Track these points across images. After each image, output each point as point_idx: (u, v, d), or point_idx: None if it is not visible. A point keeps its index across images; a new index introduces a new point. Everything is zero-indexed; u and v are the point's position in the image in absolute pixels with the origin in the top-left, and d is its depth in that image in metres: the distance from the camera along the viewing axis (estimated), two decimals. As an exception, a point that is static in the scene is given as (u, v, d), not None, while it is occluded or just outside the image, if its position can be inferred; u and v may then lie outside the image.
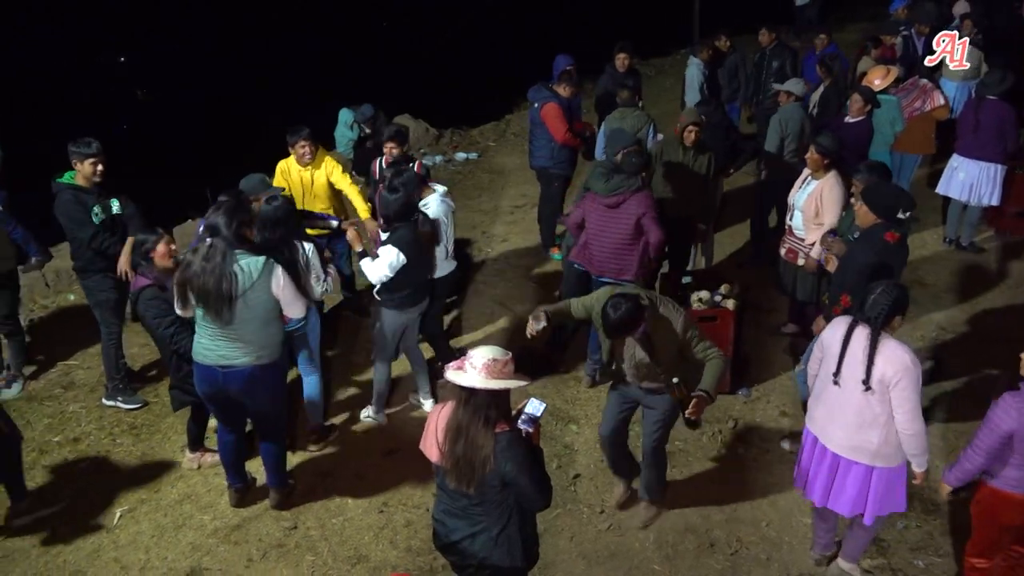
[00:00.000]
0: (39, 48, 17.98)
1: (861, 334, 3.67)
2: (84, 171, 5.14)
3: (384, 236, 5.02)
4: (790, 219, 5.81)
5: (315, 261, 4.72)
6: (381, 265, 4.82)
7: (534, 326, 4.04)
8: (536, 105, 7.23)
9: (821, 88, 7.92)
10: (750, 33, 11.43)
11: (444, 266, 5.55)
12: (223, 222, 4.00)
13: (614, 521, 4.66)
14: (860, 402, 3.68)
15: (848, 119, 6.83)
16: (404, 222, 4.90)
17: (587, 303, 4.15)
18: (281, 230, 4.57)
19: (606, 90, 8.31)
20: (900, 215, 4.52)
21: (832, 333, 3.83)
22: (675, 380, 3.91)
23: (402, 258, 4.81)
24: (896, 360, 3.56)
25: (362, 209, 6.14)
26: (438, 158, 11.14)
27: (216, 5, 21.14)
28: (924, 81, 7.63)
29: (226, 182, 5.31)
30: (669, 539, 4.53)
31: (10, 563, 4.46)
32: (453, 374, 3.00)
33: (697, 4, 14.92)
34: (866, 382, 3.61)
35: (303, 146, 5.89)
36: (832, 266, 4.94)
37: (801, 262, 5.63)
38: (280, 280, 4.13)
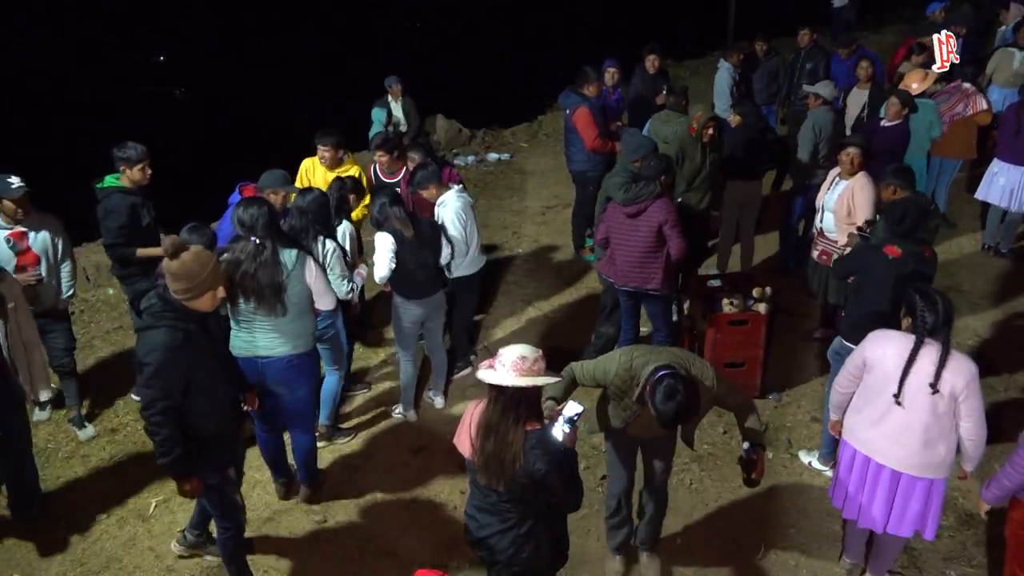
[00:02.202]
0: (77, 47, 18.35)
1: (931, 350, 3.52)
2: (133, 176, 5.07)
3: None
4: (820, 222, 5.78)
5: (335, 260, 4.71)
6: (380, 252, 4.94)
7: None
8: (568, 111, 7.21)
9: (866, 92, 7.80)
10: (788, 35, 11.32)
11: (473, 262, 5.61)
12: (263, 218, 4.08)
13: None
14: (929, 419, 3.56)
15: (884, 123, 6.75)
16: (385, 221, 4.98)
17: (596, 372, 3.63)
18: (306, 219, 4.66)
19: (638, 92, 8.27)
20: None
21: (882, 352, 3.66)
22: (746, 446, 3.63)
23: (393, 242, 4.91)
24: (965, 371, 3.49)
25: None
26: (470, 158, 11.19)
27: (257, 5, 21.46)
28: (966, 85, 7.49)
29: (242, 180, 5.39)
30: (696, 542, 4.51)
31: (48, 550, 4.58)
32: (483, 372, 3.01)
33: (732, 5, 14.83)
34: (934, 385, 3.49)
35: (326, 150, 6.05)
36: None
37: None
38: (312, 270, 4.22)
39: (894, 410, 3.63)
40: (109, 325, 6.87)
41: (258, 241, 4.05)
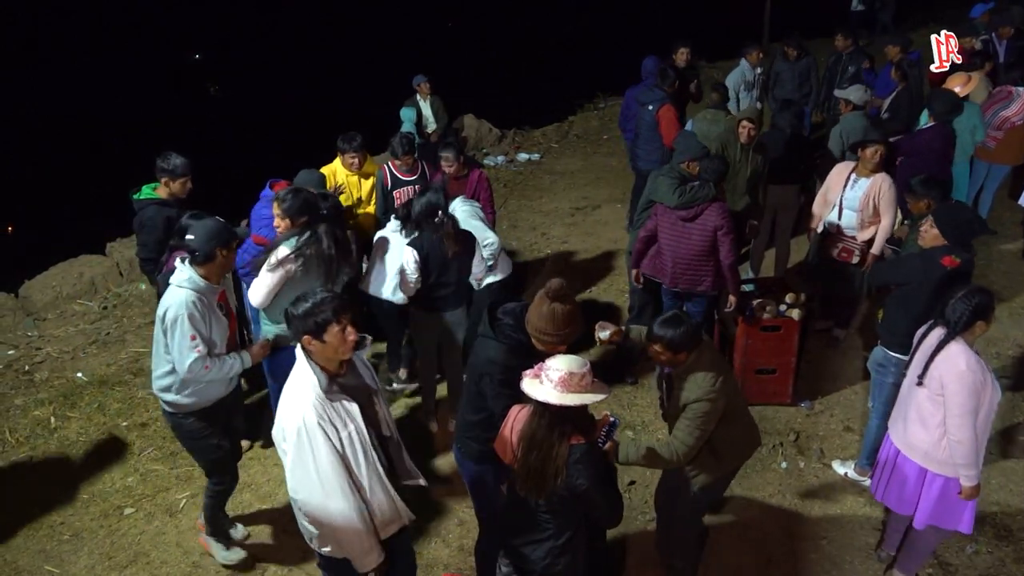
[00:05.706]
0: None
1: (935, 334, 3.70)
2: (173, 189, 4.89)
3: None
4: (839, 219, 5.75)
5: None
6: (407, 267, 4.81)
7: (600, 334, 3.91)
8: (651, 107, 7.04)
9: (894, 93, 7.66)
10: (823, 37, 11.19)
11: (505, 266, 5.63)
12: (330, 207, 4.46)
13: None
14: (918, 398, 3.72)
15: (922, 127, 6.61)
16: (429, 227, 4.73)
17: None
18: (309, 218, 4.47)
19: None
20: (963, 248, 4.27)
21: (920, 332, 3.88)
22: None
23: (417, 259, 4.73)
24: (951, 363, 3.55)
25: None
26: (500, 158, 11.16)
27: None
28: (1021, 89, 7.25)
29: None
30: (726, 552, 4.44)
31: (79, 542, 4.62)
32: (528, 384, 2.92)
33: (768, 7, 14.71)
34: (920, 377, 3.66)
35: (353, 156, 5.90)
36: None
37: (856, 260, 5.66)
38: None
39: (904, 380, 3.92)
40: (141, 320, 6.93)
41: (322, 225, 4.33)
